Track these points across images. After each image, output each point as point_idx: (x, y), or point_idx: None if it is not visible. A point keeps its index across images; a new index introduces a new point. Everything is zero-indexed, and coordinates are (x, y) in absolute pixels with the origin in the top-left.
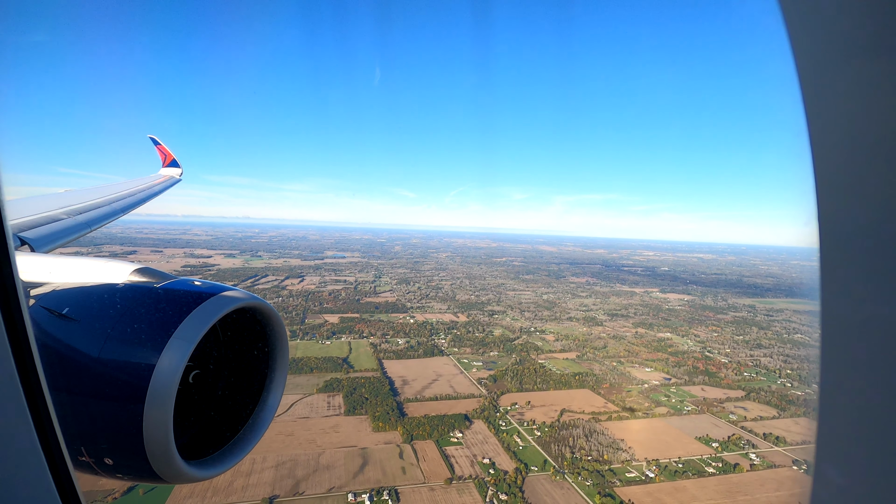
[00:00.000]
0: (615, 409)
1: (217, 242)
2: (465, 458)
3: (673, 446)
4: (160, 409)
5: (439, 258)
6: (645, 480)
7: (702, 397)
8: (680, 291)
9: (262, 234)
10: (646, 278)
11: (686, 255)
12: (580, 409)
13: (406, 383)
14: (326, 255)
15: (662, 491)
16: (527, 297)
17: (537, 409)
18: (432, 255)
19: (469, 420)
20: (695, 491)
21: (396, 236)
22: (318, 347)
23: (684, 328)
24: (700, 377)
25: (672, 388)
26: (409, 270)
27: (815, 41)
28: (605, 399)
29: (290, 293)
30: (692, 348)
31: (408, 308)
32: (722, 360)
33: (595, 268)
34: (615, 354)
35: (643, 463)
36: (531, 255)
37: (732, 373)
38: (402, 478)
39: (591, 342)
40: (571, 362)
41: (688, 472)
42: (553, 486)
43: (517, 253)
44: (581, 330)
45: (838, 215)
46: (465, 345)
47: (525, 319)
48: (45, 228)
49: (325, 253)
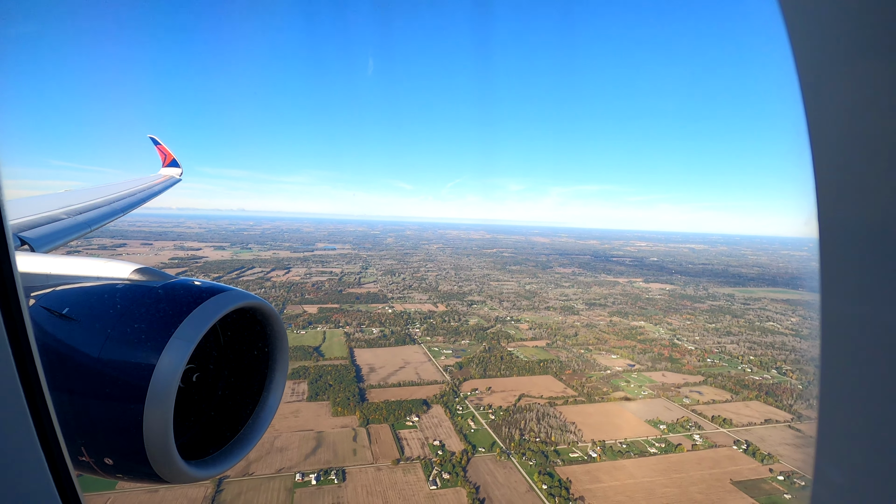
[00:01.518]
0: (573, 395)
1: (209, 235)
2: (417, 441)
3: (622, 428)
4: (160, 409)
5: (430, 249)
6: (587, 460)
7: (661, 383)
8: (663, 281)
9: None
10: (632, 268)
11: (678, 245)
12: (539, 394)
13: (373, 371)
14: (317, 248)
15: (601, 470)
16: (509, 288)
17: (497, 395)
18: (423, 246)
19: (427, 405)
20: (632, 469)
21: (391, 228)
22: (293, 337)
23: (659, 317)
24: (663, 363)
25: (634, 374)
26: (397, 262)
27: (815, 41)
28: (565, 385)
29: (273, 284)
30: (662, 336)
31: (389, 298)
32: (689, 347)
33: (584, 258)
34: (584, 342)
35: (589, 444)
36: (523, 247)
37: (696, 359)
38: (351, 459)
39: (563, 330)
40: (540, 350)
41: (630, 453)
42: (496, 466)
43: (509, 244)
44: (556, 319)
45: (838, 215)
46: (439, 334)
47: (503, 309)
48: (45, 228)
49: (315, 245)
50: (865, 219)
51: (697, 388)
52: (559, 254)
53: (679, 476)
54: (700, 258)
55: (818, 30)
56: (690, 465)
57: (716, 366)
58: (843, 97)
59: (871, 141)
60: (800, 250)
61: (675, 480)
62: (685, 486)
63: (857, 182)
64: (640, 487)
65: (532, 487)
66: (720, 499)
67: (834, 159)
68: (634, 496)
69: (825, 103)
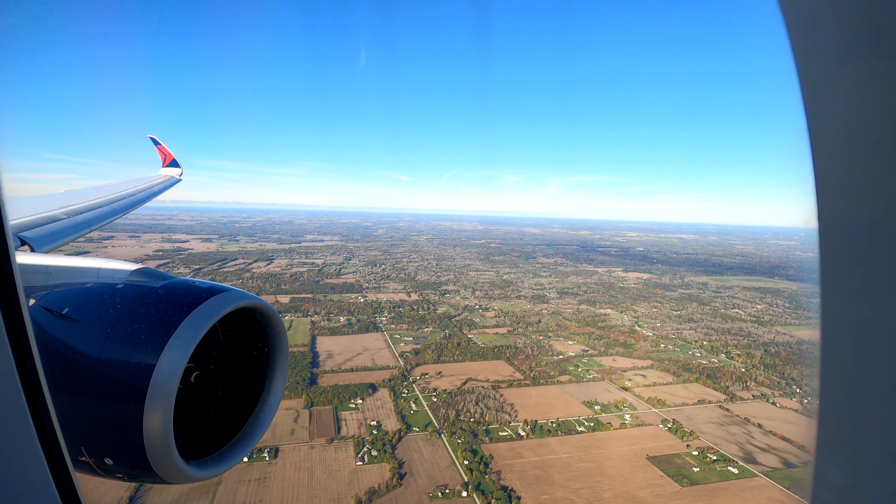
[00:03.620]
0: (519, 378)
1: (199, 228)
2: (356, 422)
3: (557, 409)
4: (160, 409)
5: (418, 241)
6: (514, 438)
7: (609, 367)
8: (643, 270)
9: (249, 219)
10: (616, 258)
11: (669, 235)
12: (486, 378)
13: (330, 357)
14: (305, 239)
15: (526, 447)
16: (486, 278)
17: (444, 379)
18: (412, 237)
19: (374, 389)
20: (556, 447)
21: (385, 220)
22: None
23: (626, 305)
24: (616, 349)
25: (585, 359)
26: (382, 253)
27: (815, 41)
28: (514, 369)
29: (252, 276)
30: (625, 323)
31: (364, 288)
32: (647, 333)
33: (571, 249)
34: (545, 329)
35: (521, 424)
36: (512, 237)
37: (649, 345)
38: (287, 438)
39: (527, 318)
40: (500, 337)
41: (559, 431)
42: (426, 444)
43: (500, 235)
44: (524, 307)
45: (838, 215)
46: (405, 322)
47: (475, 298)
48: (45, 228)
49: (304, 237)
50: (866, 218)
51: (643, 371)
52: (547, 244)
53: (598, 452)
54: (687, 248)
55: (818, 29)
56: (613, 442)
57: (668, 351)
58: (843, 97)
59: (872, 141)
60: (789, 240)
61: (594, 456)
62: (601, 461)
63: (857, 183)
64: (558, 462)
65: (454, 463)
66: (630, 472)
67: (834, 159)
68: (549, 470)
69: (825, 103)
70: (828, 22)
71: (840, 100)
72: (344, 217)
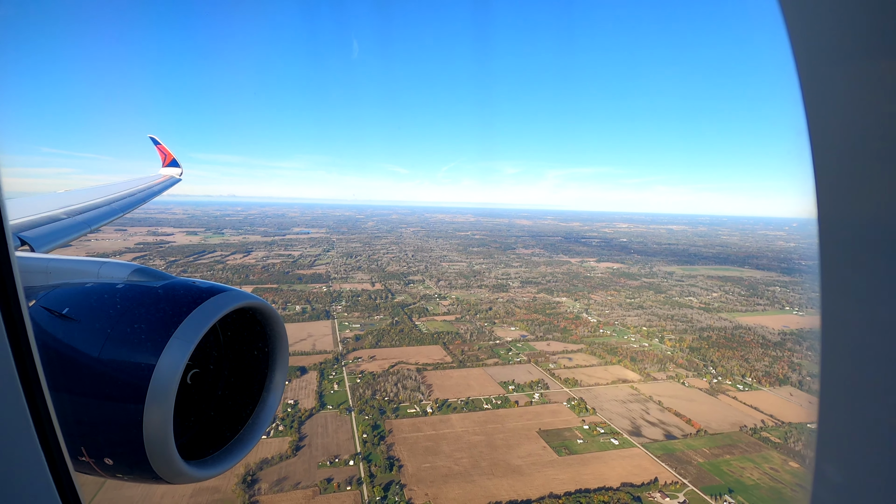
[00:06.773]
0: (448, 361)
1: (189, 221)
2: None
3: (472, 389)
4: (160, 409)
5: (404, 233)
6: (420, 415)
7: (541, 350)
8: (616, 260)
9: (242, 213)
10: (595, 249)
11: (659, 226)
12: (416, 361)
13: None
14: (291, 232)
15: (427, 423)
16: (457, 268)
17: (375, 362)
18: (399, 229)
19: (304, 371)
20: (456, 422)
21: (378, 213)
22: None
23: (583, 293)
24: (554, 334)
25: (520, 343)
26: (363, 245)
27: (815, 41)
28: (447, 353)
29: (224, 267)
30: (574, 310)
31: (331, 278)
32: (592, 320)
33: (554, 240)
34: (493, 316)
35: (431, 402)
36: (500, 229)
37: (588, 330)
38: None
39: (479, 306)
40: (446, 323)
41: (465, 409)
42: (333, 420)
43: (488, 227)
44: (482, 296)
45: (838, 215)
46: (358, 310)
47: (437, 287)
48: (45, 228)
49: (291, 229)
50: (865, 219)
51: (572, 354)
52: (531, 236)
53: (493, 426)
54: (671, 239)
55: (818, 27)
56: (512, 418)
57: (604, 336)
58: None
59: (872, 141)
60: (779, 230)
61: (488, 430)
62: (493, 434)
63: (857, 182)
64: (451, 436)
65: (353, 437)
66: (517, 443)
67: (834, 159)
68: (440, 443)
69: (825, 103)
70: (828, 20)
71: (840, 99)
72: (338, 210)
